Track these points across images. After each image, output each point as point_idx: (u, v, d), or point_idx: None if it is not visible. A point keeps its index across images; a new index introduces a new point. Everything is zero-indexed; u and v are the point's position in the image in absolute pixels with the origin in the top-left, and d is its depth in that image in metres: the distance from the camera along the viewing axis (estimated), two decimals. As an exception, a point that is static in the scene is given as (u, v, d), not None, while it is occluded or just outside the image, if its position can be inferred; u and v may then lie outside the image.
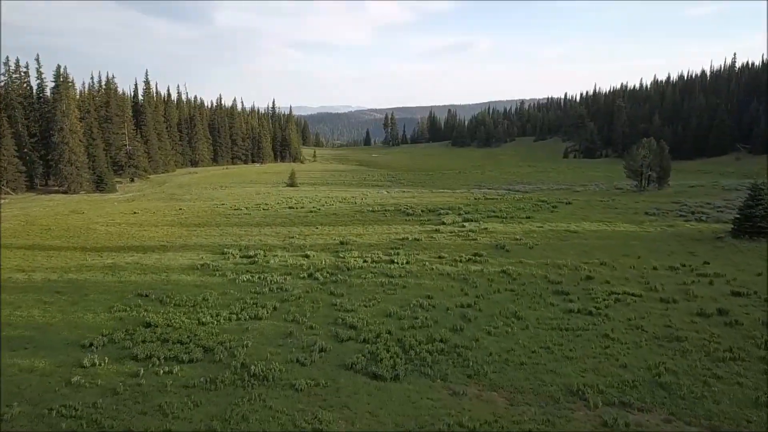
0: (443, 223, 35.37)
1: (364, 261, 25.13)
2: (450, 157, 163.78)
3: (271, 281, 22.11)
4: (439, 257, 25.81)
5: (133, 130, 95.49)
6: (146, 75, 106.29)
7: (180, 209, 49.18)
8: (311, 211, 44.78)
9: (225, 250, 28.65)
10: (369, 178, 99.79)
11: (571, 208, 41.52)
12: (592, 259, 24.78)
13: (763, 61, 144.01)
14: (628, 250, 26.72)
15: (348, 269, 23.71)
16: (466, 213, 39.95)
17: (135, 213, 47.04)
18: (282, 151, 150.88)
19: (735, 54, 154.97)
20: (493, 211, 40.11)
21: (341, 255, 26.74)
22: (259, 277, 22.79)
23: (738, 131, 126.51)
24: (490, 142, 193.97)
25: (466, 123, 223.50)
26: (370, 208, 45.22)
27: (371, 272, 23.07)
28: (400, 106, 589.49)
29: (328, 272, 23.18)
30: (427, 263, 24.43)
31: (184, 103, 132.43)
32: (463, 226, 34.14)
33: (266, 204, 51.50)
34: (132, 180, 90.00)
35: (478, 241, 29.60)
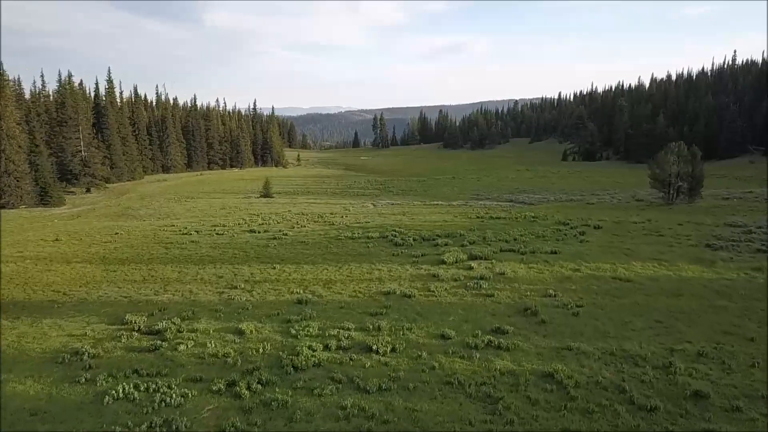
0: (443, 263, 26.40)
1: (326, 346, 16.10)
2: (442, 160, 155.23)
3: (161, 402, 13.00)
4: (442, 336, 16.85)
5: (93, 134, 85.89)
6: (108, 73, 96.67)
7: (116, 234, 39.91)
8: (275, 238, 35.70)
9: (128, 316, 19.47)
10: (355, 186, 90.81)
11: (604, 236, 32.72)
12: (679, 343, 15.91)
13: (764, 57, 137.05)
14: (722, 318, 17.91)
15: (296, 368, 14.64)
16: (470, 243, 31.03)
17: (57, 240, 37.68)
18: (263, 155, 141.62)
19: (735, 51, 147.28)
20: (506, 241, 31.19)
21: (293, 330, 17.69)
22: (145, 390, 13.67)
23: (749, 132, 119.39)
24: (483, 144, 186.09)
25: (458, 124, 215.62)
26: (350, 233, 36.24)
27: (332, 379, 14.01)
28: (391, 106, 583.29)
29: (261, 378, 14.08)
30: (424, 354, 15.43)
31: (159, 104, 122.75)
32: (470, 268, 25.19)
33: (224, 225, 42.33)
34: (88, 190, 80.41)
35: (495, 298, 20.67)
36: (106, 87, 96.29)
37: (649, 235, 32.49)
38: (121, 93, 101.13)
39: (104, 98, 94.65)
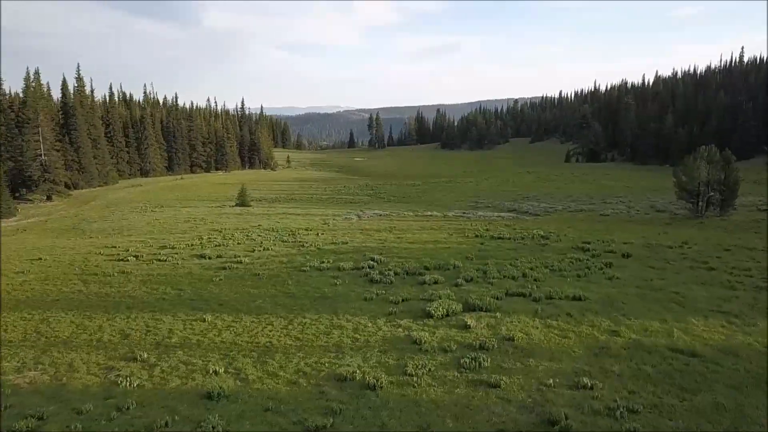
0: (429, 316, 19.44)
1: None
2: (439, 161, 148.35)
3: None
4: (415, 491, 9.94)
5: (58, 136, 79.02)
6: (77, 70, 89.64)
7: (38, 259, 33.06)
8: (225, 267, 28.80)
9: (-63, 426, 12.55)
10: (344, 191, 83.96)
11: (638, 268, 25.78)
12: None
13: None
14: None
15: None
16: (466, 280, 24.08)
17: (-39, 269, 30.72)
18: (251, 156, 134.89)
19: (743, 48, 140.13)
20: (513, 278, 24.23)
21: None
22: None
23: (763, 132, 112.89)
24: (482, 144, 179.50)
25: (456, 123, 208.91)
26: (318, 261, 29.32)
27: None
28: (388, 106, 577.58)
29: None
30: None
31: (148, 103, 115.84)
32: (466, 327, 18.25)
33: (173, 247, 35.47)
34: (48, 198, 73.47)
35: (501, 391, 13.72)
36: (76, 85, 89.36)
37: (696, 267, 25.55)
38: (92, 91, 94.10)
39: (73, 97, 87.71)
